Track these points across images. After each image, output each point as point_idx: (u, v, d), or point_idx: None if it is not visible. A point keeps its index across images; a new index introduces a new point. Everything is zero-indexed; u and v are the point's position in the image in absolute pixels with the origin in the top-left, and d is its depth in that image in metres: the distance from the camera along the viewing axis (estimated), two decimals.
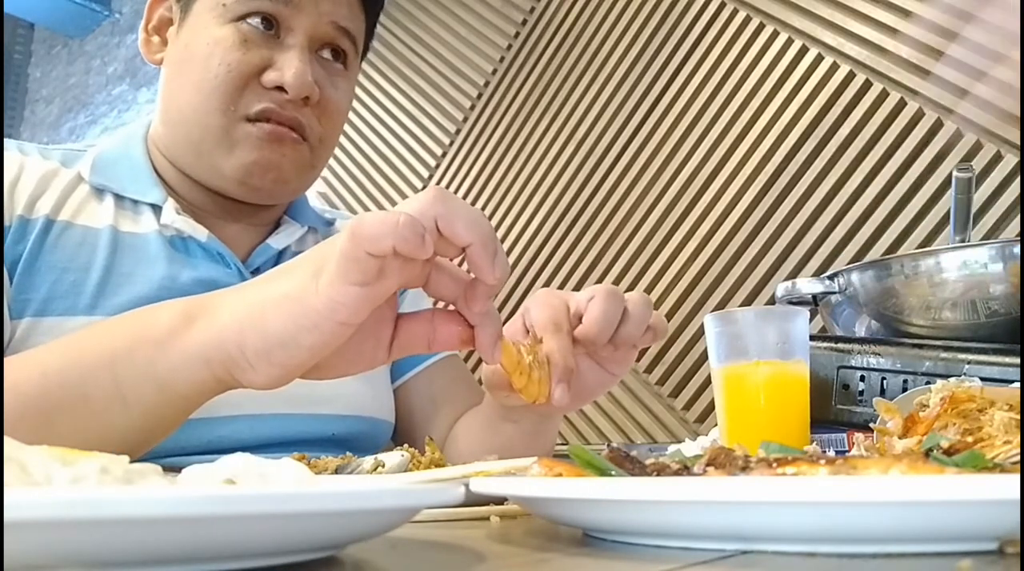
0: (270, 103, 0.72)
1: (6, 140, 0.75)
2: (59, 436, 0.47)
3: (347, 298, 0.42)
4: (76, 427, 0.48)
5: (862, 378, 0.69)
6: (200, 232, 0.74)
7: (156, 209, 0.75)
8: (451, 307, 0.48)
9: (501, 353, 0.48)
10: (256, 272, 0.77)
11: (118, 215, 0.74)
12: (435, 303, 0.76)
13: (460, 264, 0.47)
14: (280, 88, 0.72)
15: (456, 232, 0.43)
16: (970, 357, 0.65)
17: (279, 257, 0.81)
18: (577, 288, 1.90)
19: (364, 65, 2.82)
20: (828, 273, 0.84)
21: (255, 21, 0.72)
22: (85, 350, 0.50)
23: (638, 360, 1.77)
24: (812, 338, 0.66)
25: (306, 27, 0.74)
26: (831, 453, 0.54)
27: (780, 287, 0.85)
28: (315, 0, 0.74)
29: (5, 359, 0.58)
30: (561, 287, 1.95)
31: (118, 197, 0.75)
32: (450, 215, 0.42)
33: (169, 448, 0.60)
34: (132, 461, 0.28)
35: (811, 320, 0.74)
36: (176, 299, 0.50)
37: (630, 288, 1.81)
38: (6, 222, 0.69)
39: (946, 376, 0.58)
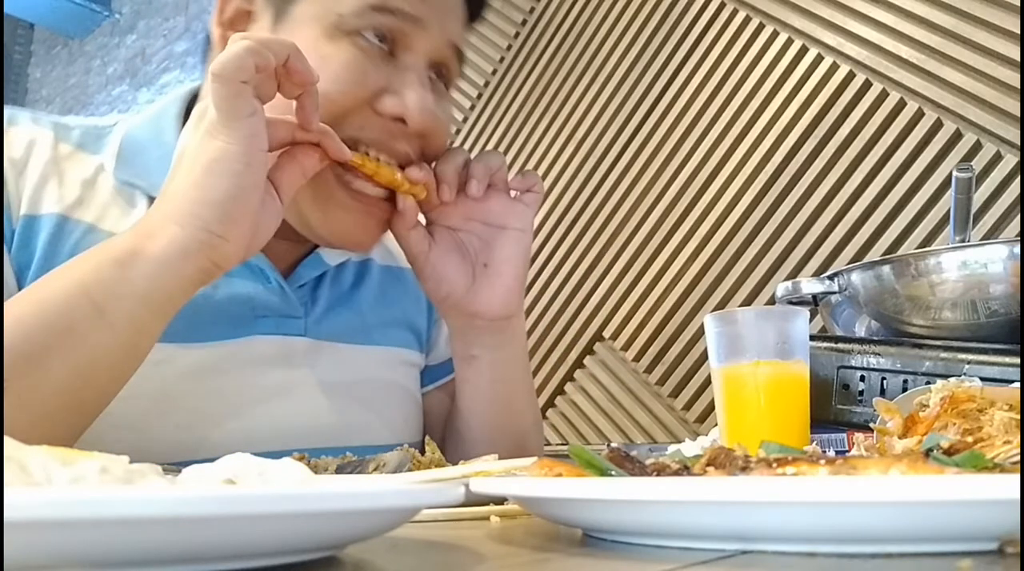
0: (381, 134, 0.63)
1: (19, 110, 0.68)
2: (53, 377, 0.49)
3: (250, 128, 0.51)
4: (67, 361, 0.49)
5: (862, 378, 0.69)
6: None
7: None
8: None
9: (350, 154, 0.59)
10: (302, 289, 0.72)
11: None
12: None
13: None
14: (398, 118, 0.63)
15: (275, 52, 0.52)
16: (970, 357, 0.65)
17: (333, 273, 0.75)
18: (578, 289, 1.91)
19: None
20: (828, 273, 0.84)
21: (372, 37, 0.62)
22: (53, 289, 0.51)
23: (638, 360, 1.77)
24: (812, 338, 0.66)
25: (427, 48, 0.65)
26: (831, 453, 0.54)
27: (780, 287, 0.85)
28: (440, 19, 0.66)
29: None
30: (562, 289, 1.95)
31: (150, 198, 0.65)
32: (265, 42, 0.52)
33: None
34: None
35: (811, 320, 0.74)
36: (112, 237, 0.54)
37: (630, 288, 1.81)
38: (12, 222, 0.62)
39: (946, 376, 0.58)
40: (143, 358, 0.54)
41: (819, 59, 1.59)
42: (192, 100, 0.72)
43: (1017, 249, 0.70)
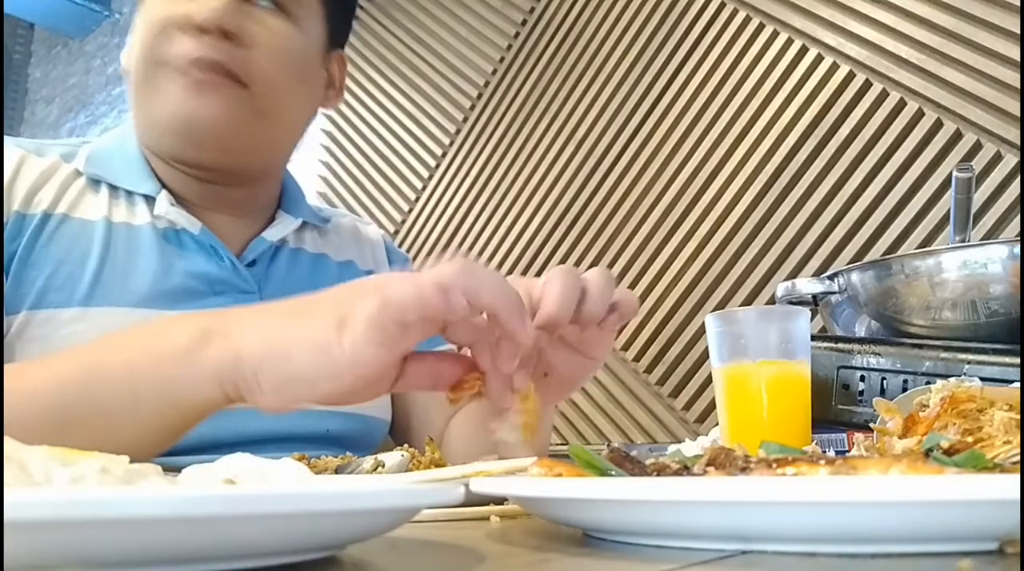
0: (191, 48, 0.69)
1: (6, 137, 0.76)
2: (73, 443, 0.48)
3: (371, 357, 0.44)
4: (89, 438, 0.47)
5: (862, 378, 0.69)
6: (193, 224, 0.75)
7: (150, 201, 0.76)
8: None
9: (508, 403, 0.49)
10: (251, 265, 0.78)
11: (112, 206, 0.75)
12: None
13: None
14: (200, 29, 0.69)
15: (482, 301, 0.44)
16: (970, 357, 0.65)
17: (276, 251, 0.81)
18: None
19: (364, 65, 2.78)
20: (828, 273, 0.84)
21: None
22: (104, 363, 0.51)
23: (638, 360, 1.77)
24: (812, 338, 0.66)
25: None
26: (831, 453, 0.54)
27: (780, 287, 0.85)
28: None
29: (23, 364, 0.58)
30: None
31: (112, 188, 0.76)
32: (476, 285, 0.44)
33: None
34: (131, 462, 0.28)
35: (811, 320, 0.75)
36: (192, 313, 0.51)
37: (630, 288, 1.81)
38: (5, 218, 0.70)
39: (946, 376, 0.58)
40: (160, 452, 0.52)
41: (819, 59, 1.59)
42: None
43: (1017, 249, 0.70)
